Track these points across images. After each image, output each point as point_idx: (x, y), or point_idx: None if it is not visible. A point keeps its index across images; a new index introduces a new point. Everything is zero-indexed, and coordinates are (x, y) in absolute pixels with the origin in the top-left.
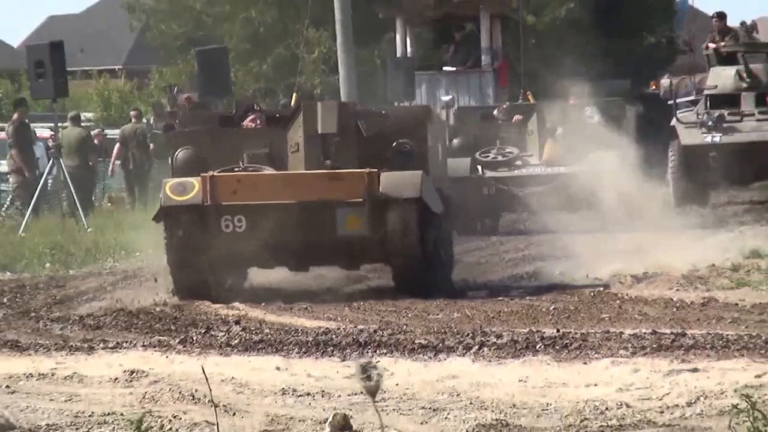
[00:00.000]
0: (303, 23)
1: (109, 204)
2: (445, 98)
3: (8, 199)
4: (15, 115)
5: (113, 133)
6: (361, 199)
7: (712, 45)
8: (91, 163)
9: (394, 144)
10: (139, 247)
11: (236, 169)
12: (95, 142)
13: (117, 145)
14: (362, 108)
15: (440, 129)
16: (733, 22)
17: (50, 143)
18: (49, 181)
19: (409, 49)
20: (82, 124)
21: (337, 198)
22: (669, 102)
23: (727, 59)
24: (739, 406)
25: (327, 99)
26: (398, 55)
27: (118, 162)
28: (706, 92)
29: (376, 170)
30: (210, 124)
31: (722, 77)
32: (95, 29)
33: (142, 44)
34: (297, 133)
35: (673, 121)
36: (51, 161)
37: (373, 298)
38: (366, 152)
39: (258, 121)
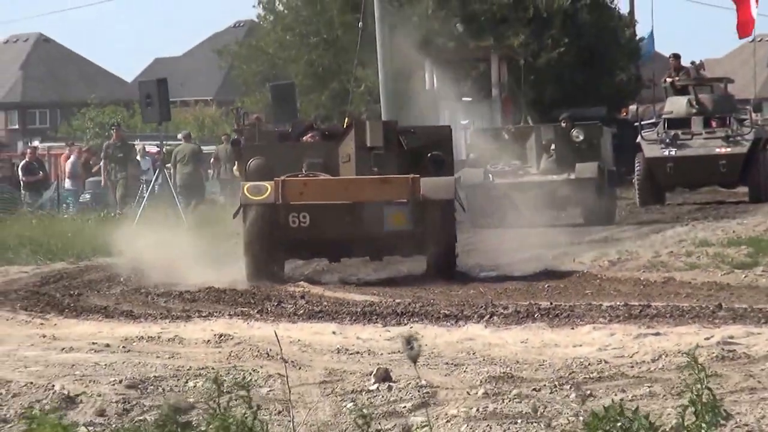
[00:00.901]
0: (353, 64)
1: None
2: (464, 122)
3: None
4: (113, 137)
5: (207, 149)
6: (405, 200)
7: (669, 79)
8: (200, 171)
9: (429, 155)
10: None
11: (299, 176)
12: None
13: (212, 160)
14: (402, 126)
15: None
16: (685, 61)
17: (156, 157)
18: (156, 186)
19: (435, 84)
20: (181, 141)
21: (385, 199)
22: (636, 124)
23: (680, 91)
24: (688, 363)
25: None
26: (427, 88)
27: (211, 172)
28: (663, 116)
29: (418, 176)
30: (271, 140)
31: (677, 105)
32: (192, 68)
33: (228, 80)
34: (348, 147)
35: (639, 139)
36: (157, 171)
37: (407, 278)
38: (406, 161)
39: (316, 137)
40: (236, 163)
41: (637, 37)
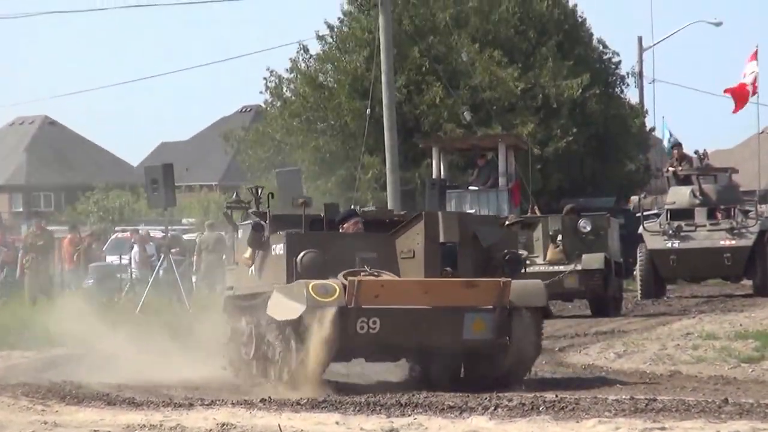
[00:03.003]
0: (360, 150)
1: (207, 291)
2: (470, 211)
3: (127, 286)
4: (33, 227)
5: None
6: (491, 306)
7: (671, 169)
8: (224, 259)
9: (505, 252)
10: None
11: (362, 273)
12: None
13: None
14: (478, 217)
15: None
16: (688, 150)
17: (161, 242)
18: (161, 271)
19: (442, 172)
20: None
21: (468, 304)
22: (638, 214)
23: (683, 180)
24: None
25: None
26: (434, 176)
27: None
28: (666, 207)
29: (509, 279)
30: (300, 227)
31: (679, 195)
32: (198, 153)
33: (234, 166)
34: (413, 240)
35: (640, 229)
36: (162, 256)
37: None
38: (480, 260)
39: (359, 225)
40: (249, 249)
41: (647, 128)
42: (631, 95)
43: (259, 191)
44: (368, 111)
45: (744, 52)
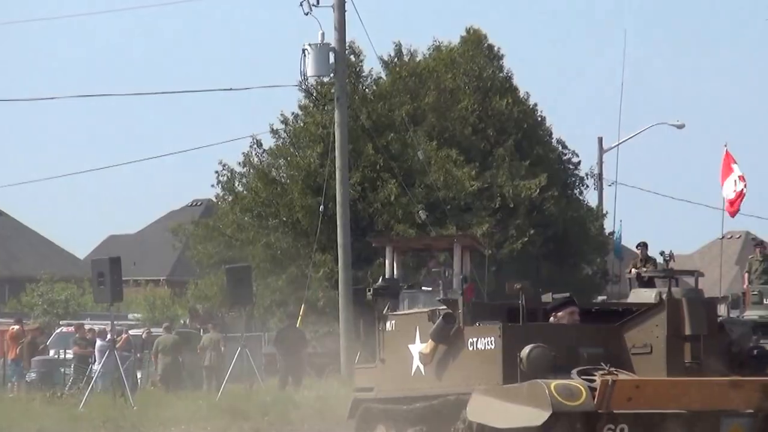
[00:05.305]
0: (312, 248)
1: (152, 387)
2: None
3: (70, 380)
4: None
5: (156, 330)
6: (751, 410)
7: (634, 270)
8: (181, 360)
9: (753, 346)
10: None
11: (600, 373)
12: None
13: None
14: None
15: None
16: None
17: (108, 338)
18: (103, 368)
19: (395, 272)
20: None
21: (729, 407)
22: None
23: (647, 283)
24: None
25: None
26: (386, 276)
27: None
28: None
29: None
30: (497, 317)
31: (643, 298)
32: (146, 247)
33: (182, 261)
34: (650, 333)
35: None
36: (107, 351)
37: None
38: (727, 356)
39: (575, 315)
40: (430, 343)
41: (606, 231)
42: (590, 197)
43: (447, 273)
44: (321, 208)
45: (707, 155)
